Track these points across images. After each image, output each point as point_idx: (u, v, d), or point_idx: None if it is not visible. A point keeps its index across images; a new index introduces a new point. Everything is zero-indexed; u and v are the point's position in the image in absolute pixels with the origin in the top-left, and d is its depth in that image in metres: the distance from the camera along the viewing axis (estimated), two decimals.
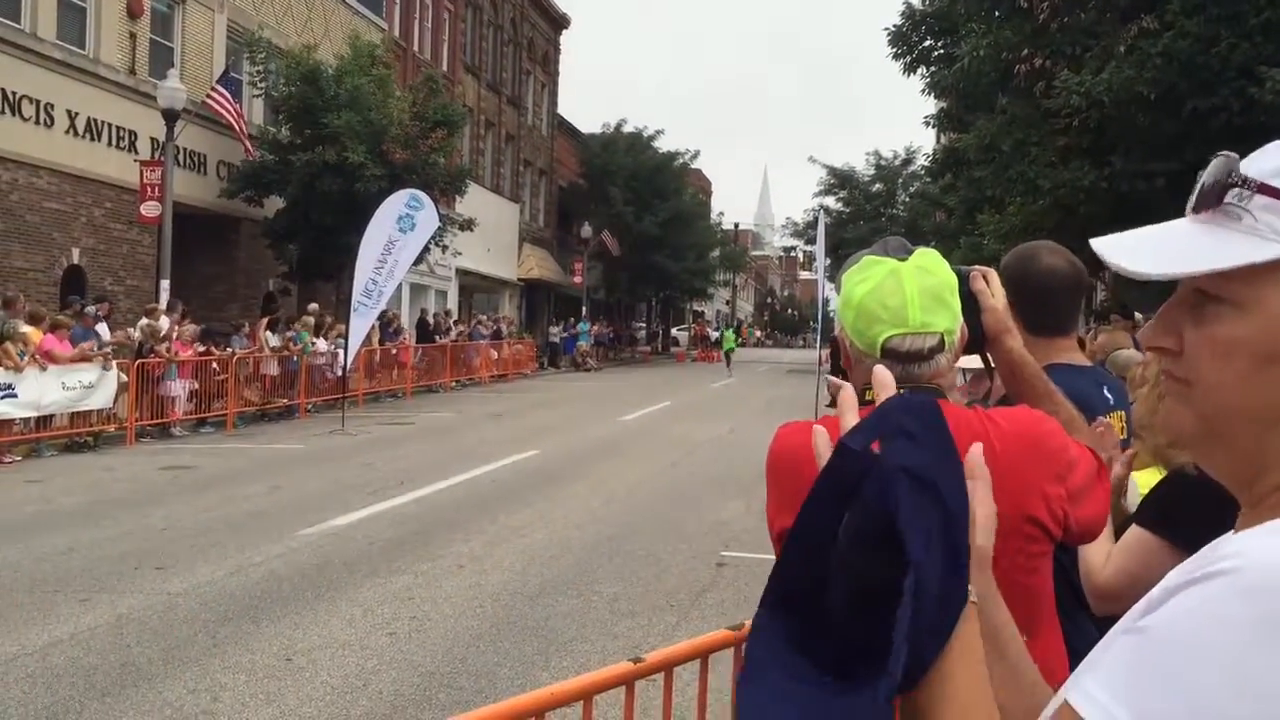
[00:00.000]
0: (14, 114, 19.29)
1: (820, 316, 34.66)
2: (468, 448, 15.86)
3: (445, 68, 36.57)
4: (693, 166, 55.55)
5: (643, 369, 44.18)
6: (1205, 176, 0.90)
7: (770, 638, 0.90)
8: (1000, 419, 1.71)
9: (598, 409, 23.10)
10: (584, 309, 44.40)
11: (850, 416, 0.99)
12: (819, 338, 33.48)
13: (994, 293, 2.02)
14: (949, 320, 1.72)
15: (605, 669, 2.49)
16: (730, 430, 18.93)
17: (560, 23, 51.42)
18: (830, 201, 48.70)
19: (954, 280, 1.76)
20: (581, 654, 6.36)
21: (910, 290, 1.68)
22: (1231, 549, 0.80)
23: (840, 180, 48.80)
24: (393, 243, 18.78)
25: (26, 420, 14.57)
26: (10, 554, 8.61)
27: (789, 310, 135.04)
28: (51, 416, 15.07)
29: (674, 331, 68.51)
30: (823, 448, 1.00)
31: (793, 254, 72.94)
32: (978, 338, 1.94)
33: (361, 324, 18.92)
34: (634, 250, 47.18)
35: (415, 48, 35.21)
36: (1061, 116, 16.43)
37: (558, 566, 8.57)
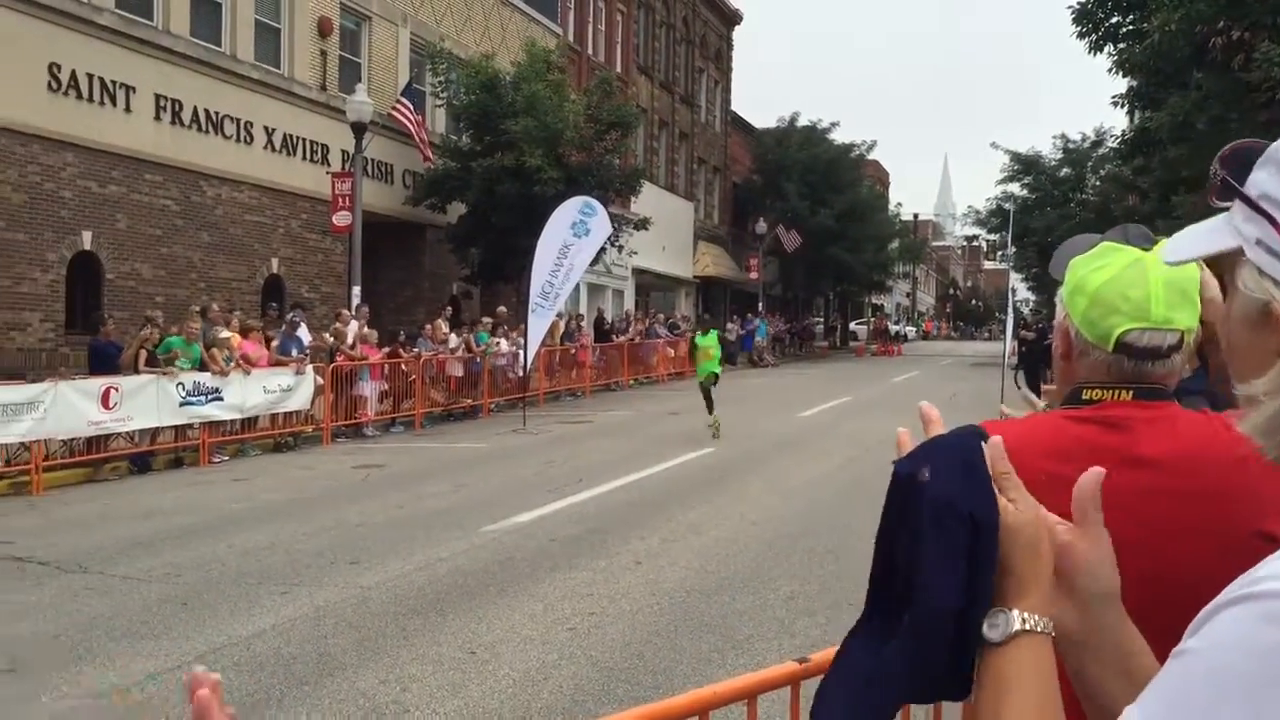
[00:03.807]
0: (217, 132, 20.51)
1: (1009, 308, 33.41)
2: (645, 445, 16.00)
3: (619, 69, 37.01)
4: (870, 158, 54.61)
5: (821, 364, 43.68)
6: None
7: (859, 635, 1.01)
8: None
9: (775, 405, 22.95)
10: (760, 305, 44.21)
11: (933, 429, 1.05)
12: (1006, 330, 32.39)
13: (1207, 283, 1.89)
14: (1191, 318, 1.59)
15: (769, 669, 2.46)
16: (912, 426, 18.50)
17: (732, 19, 51.35)
18: (1015, 188, 47.00)
19: (1198, 276, 1.64)
20: (759, 652, 6.32)
21: (1155, 283, 1.56)
22: (1267, 570, 0.76)
23: (1025, 166, 46.99)
24: (567, 247, 19.29)
25: (233, 422, 15.47)
26: (218, 549, 9.14)
27: (973, 301, 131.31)
28: (255, 418, 15.95)
29: (852, 325, 67.51)
30: (906, 445, 1.05)
31: (975, 243, 70.77)
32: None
33: (539, 324, 19.46)
34: (810, 244, 46.70)
35: (589, 51, 35.76)
36: (1263, 90, 15.44)
37: (734, 564, 8.56)
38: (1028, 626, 0.91)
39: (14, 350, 16.08)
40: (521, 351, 20.49)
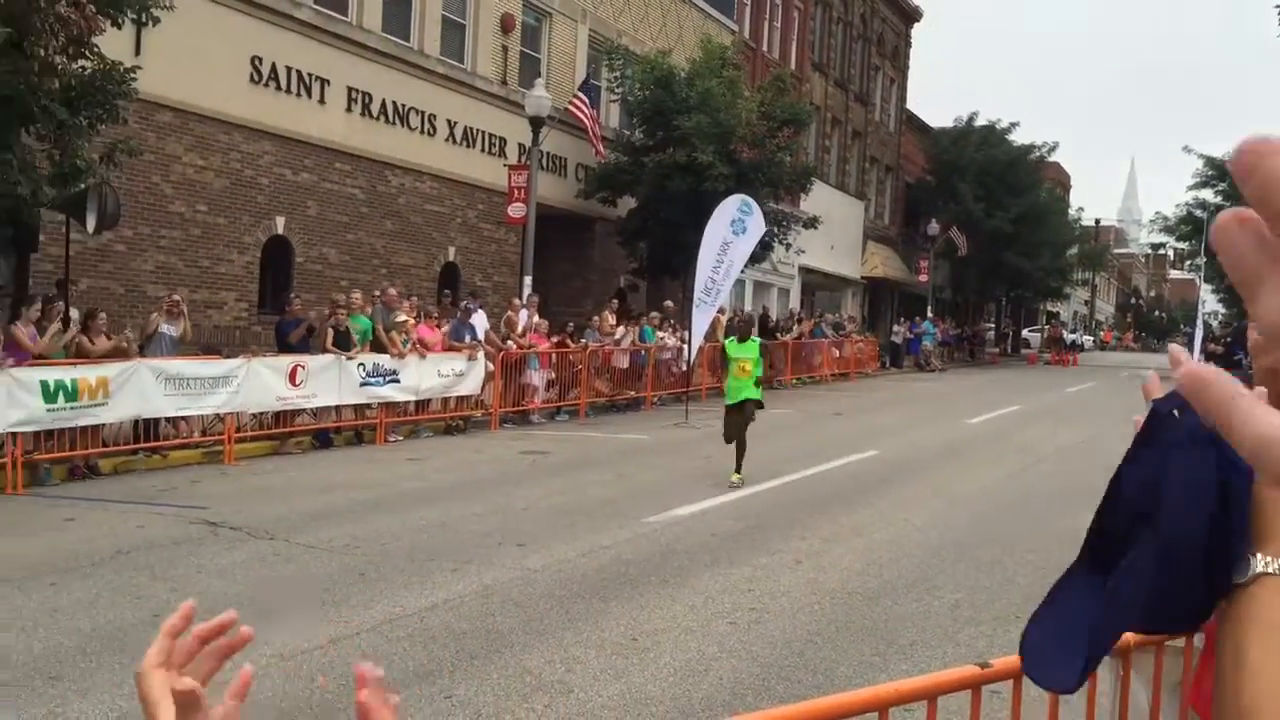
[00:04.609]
0: (403, 124, 21.29)
1: (1197, 320, 31.80)
2: (807, 445, 15.90)
3: (793, 66, 36.76)
4: (1050, 160, 52.79)
5: (991, 371, 42.51)
6: None
7: (1077, 575, 0.98)
8: None
9: (941, 411, 22.48)
10: (929, 308, 43.29)
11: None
12: (1194, 343, 30.90)
13: None
14: None
15: (950, 670, 2.45)
16: (1086, 438, 17.89)
17: (911, 16, 50.36)
18: (1208, 195, 44.66)
19: None
20: (922, 659, 6.24)
21: None
22: None
23: (1220, 172, 44.55)
24: (727, 244, 19.57)
25: (407, 403, 16.06)
26: (393, 524, 9.53)
27: (1156, 312, 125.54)
28: (428, 401, 16.52)
29: (1025, 333, 65.38)
30: (1156, 388, 1.02)
31: (1161, 251, 67.39)
32: None
33: (702, 319, 19.68)
34: (984, 248, 45.48)
35: (764, 48, 35.63)
36: None
37: (897, 568, 8.45)
38: (1271, 570, 0.89)
39: (211, 327, 17.04)
40: (685, 346, 20.66)
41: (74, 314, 12.88)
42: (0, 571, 7.69)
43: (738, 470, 12.07)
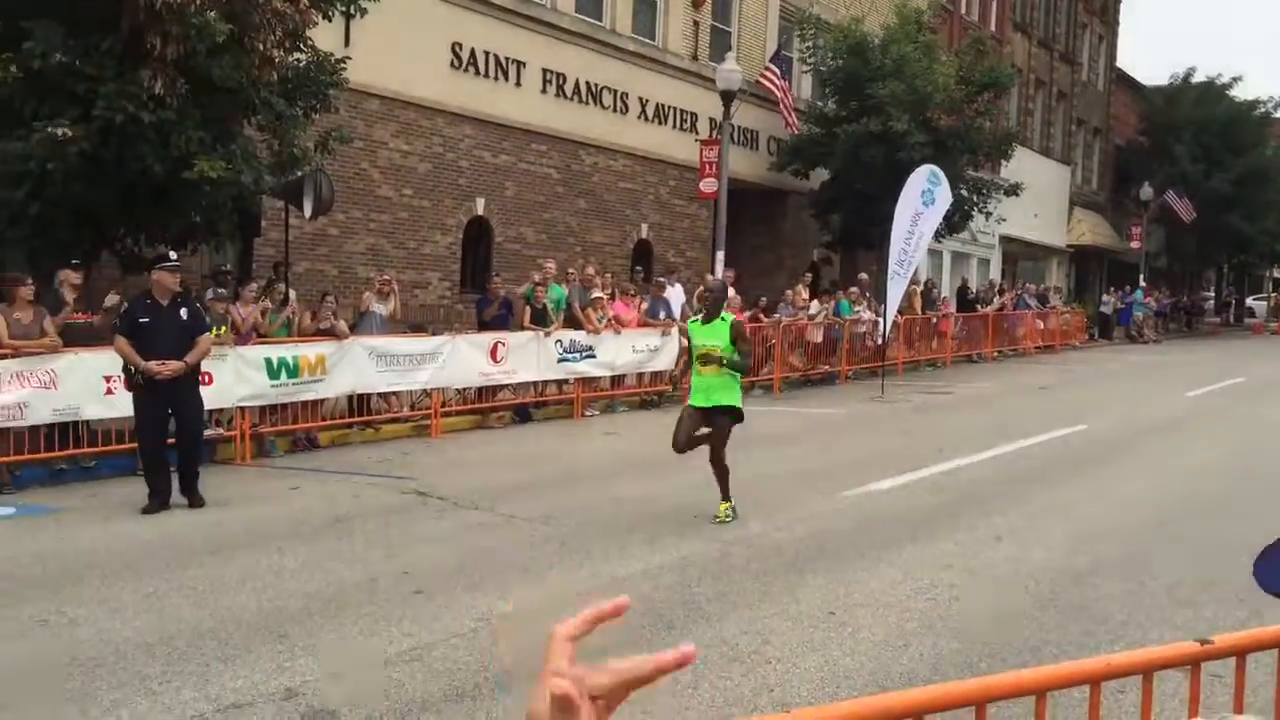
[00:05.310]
0: (596, 104, 21.60)
1: None
2: (1009, 420, 15.40)
3: (993, 28, 35.42)
4: (1278, 116, 49.17)
5: (1210, 342, 40.09)
6: None
7: None
8: None
9: (1155, 384, 21.37)
10: (1141, 277, 41.08)
11: None
12: None
13: None
14: None
15: (1167, 646, 2.34)
16: None
17: None
18: None
19: None
20: (1134, 640, 5.97)
21: None
22: None
23: None
24: (918, 215, 19.32)
25: (603, 379, 16.36)
26: (592, 497, 9.75)
27: None
28: (624, 376, 16.78)
29: (1249, 301, 61.30)
30: None
31: None
32: None
33: (896, 291, 19.36)
34: (1202, 211, 42.78)
35: (962, 10, 34.46)
36: None
37: (1106, 547, 8.11)
38: None
39: (417, 306, 17.75)
40: (881, 319, 20.31)
41: (292, 295, 13.65)
42: (232, 536, 8.27)
43: (725, 498, 8.89)
